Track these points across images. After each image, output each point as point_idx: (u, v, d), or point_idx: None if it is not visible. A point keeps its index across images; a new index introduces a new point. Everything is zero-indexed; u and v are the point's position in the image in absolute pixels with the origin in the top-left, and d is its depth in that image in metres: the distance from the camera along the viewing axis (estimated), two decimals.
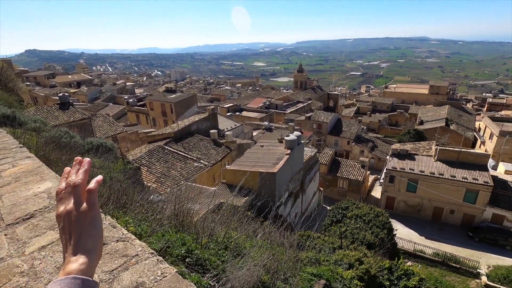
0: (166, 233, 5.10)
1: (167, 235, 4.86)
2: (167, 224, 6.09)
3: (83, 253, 0.95)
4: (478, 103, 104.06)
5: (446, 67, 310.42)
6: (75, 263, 0.93)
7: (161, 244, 4.54)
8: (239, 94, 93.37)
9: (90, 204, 1.01)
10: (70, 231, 0.97)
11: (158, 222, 5.79)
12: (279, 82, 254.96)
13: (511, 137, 38.25)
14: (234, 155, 27.05)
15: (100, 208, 1.07)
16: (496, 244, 25.26)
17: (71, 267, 0.93)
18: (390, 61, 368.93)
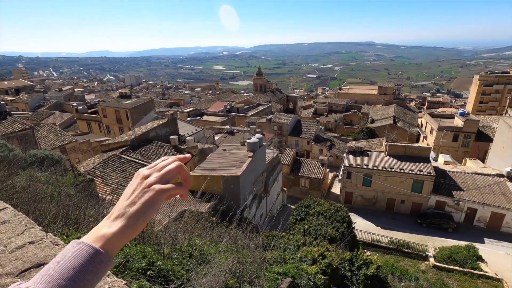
0: (124, 247, 4.85)
1: (125, 249, 4.62)
2: None
3: (125, 222, 0.91)
4: (420, 101, 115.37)
5: (391, 70, 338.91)
6: (108, 228, 0.90)
7: (119, 259, 4.30)
8: (199, 99, 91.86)
9: (166, 188, 1.00)
10: (136, 198, 0.95)
11: None
12: (239, 86, 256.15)
13: (447, 131, 42.98)
14: (196, 161, 26.52)
15: (44, 227, 1.00)
16: (440, 227, 28.11)
17: (101, 231, 0.90)
18: (343, 64, 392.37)
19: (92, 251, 0.84)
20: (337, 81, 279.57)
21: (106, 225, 0.92)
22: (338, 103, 75.19)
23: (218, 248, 6.48)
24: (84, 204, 6.62)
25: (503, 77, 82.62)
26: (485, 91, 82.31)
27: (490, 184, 29.63)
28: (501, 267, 21.88)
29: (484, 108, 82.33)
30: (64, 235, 4.50)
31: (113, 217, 0.93)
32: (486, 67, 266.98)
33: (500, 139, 33.58)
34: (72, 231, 4.78)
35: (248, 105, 66.07)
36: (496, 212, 27.44)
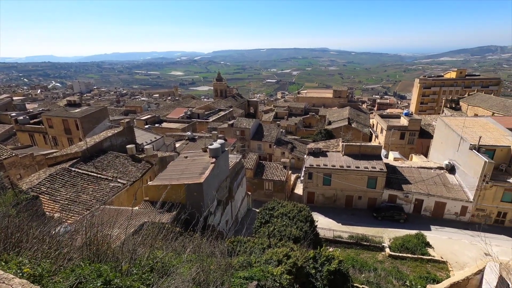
0: (76, 267, 4.49)
1: (78, 270, 4.28)
2: (78, 257, 5.34)
3: None
4: (370, 103, 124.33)
5: (344, 74, 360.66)
6: None
7: (70, 282, 3.98)
8: (158, 105, 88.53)
9: None
10: None
11: (66, 257, 5.04)
12: (199, 91, 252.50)
13: (395, 130, 46.87)
14: (156, 170, 25.46)
15: None
16: (393, 219, 30.42)
17: None
18: (300, 69, 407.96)
19: None
20: (296, 85, 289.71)
21: None
22: (297, 106, 77.84)
23: (181, 258, 6.29)
24: (27, 225, 5.99)
25: (438, 80, 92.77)
26: (424, 93, 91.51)
27: (432, 176, 32.88)
28: (445, 251, 24.31)
29: (425, 108, 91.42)
30: (3, 260, 4.04)
31: None
32: (424, 71, 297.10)
33: (439, 135, 37.53)
34: (13, 255, 4.31)
35: (209, 110, 65.39)
36: (439, 201, 30.49)
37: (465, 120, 35.62)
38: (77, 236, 7.08)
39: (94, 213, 8.59)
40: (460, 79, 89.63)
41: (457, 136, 31.96)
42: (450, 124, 34.73)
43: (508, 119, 42.00)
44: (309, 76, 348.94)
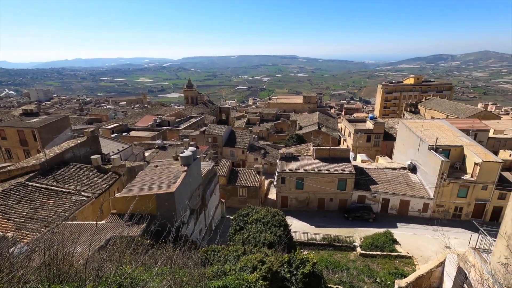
0: None
1: None
2: (35, 279, 4.93)
3: None
4: (338, 108, 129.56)
5: (313, 80, 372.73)
6: None
7: None
8: (125, 113, 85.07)
9: None
10: None
11: (21, 280, 4.63)
12: (169, 98, 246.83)
13: (362, 133, 49.14)
14: (124, 181, 24.32)
15: None
16: (363, 219, 31.65)
17: None
18: (270, 76, 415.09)
19: None
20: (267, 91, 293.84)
21: None
22: (269, 112, 78.89)
23: (151, 272, 6.04)
24: None
25: (399, 86, 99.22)
26: (387, 98, 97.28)
27: (397, 176, 34.82)
28: (411, 246, 25.73)
29: (388, 112, 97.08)
30: None
31: None
32: (386, 78, 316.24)
33: (401, 137, 39.96)
34: None
35: (180, 118, 64.06)
36: (403, 200, 32.31)
37: (423, 123, 38.33)
38: (35, 256, 6.54)
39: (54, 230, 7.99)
40: (417, 85, 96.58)
41: (417, 137, 34.24)
42: (410, 127, 37.15)
43: (460, 121, 45.91)
44: (280, 83, 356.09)
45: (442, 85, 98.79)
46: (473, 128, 40.93)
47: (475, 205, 30.65)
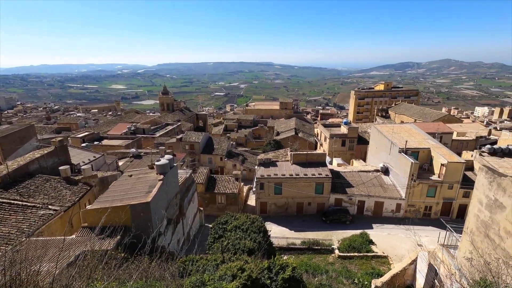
0: None
1: None
2: None
3: None
4: (314, 114, 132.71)
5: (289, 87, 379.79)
6: None
7: None
8: (97, 121, 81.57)
9: None
10: None
11: None
12: (144, 105, 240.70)
13: (337, 138, 50.57)
14: (96, 192, 23.19)
15: None
16: (340, 221, 32.37)
17: None
18: (247, 83, 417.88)
19: None
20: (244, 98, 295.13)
21: None
22: (246, 118, 79.13)
23: (126, 287, 5.77)
24: None
25: (370, 92, 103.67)
26: (360, 103, 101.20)
27: (371, 178, 36.09)
28: (386, 246, 26.65)
29: (361, 117, 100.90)
30: None
31: None
32: (358, 84, 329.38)
33: (373, 141, 41.61)
34: None
35: (156, 125, 62.52)
36: (378, 201, 33.49)
37: (393, 127, 40.21)
38: None
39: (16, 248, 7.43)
40: (387, 91, 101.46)
41: (388, 141, 35.82)
42: (382, 131, 38.81)
43: (426, 124, 48.68)
44: (256, 89, 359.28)
45: (410, 91, 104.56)
46: (439, 131, 43.57)
47: (443, 203, 32.41)
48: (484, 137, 46.61)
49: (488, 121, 73.51)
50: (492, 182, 9.30)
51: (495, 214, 9.02)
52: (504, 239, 8.06)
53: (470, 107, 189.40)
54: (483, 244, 8.63)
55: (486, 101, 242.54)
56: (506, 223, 8.13)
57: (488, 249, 8.26)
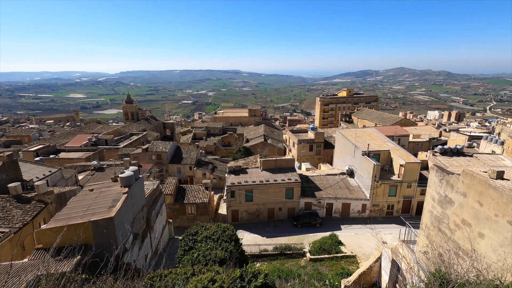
0: None
1: None
2: None
3: None
4: (282, 120, 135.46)
5: (257, 94, 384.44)
6: None
7: None
8: (53, 133, 75.84)
9: None
10: None
11: None
12: (106, 115, 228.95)
13: (305, 143, 52.00)
14: (53, 209, 21.41)
15: None
16: (310, 224, 33.13)
17: None
18: (215, 90, 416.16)
19: None
20: (212, 106, 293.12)
21: None
22: (215, 126, 78.55)
23: None
24: None
25: (334, 98, 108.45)
26: (325, 109, 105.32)
27: (337, 181, 37.51)
28: (354, 245, 27.70)
29: (326, 122, 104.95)
30: None
31: None
32: (323, 91, 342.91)
33: (339, 145, 43.42)
34: None
35: (119, 135, 59.66)
36: (345, 203, 34.84)
37: (356, 131, 42.36)
38: None
39: None
40: (350, 97, 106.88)
41: (352, 145, 37.61)
42: (346, 135, 40.68)
43: (386, 128, 51.96)
44: (225, 97, 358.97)
45: (370, 97, 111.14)
46: (397, 134, 46.72)
47: (403, 202, 34.59)
48: (436, 138, 50.85)
49: (439, 124, 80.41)
50: (442, 179, 10.17)
51: (446, 209, 9.85)
52: (454, 232, 8.84)
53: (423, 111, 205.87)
54: (437, 237, 9.38)
55: (436, 105, 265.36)
56: (455, 217, 8.94)
57: (441, 242, 8.98)
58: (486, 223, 8.31)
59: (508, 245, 7.63)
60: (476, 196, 8.62)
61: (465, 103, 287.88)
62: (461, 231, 8.91)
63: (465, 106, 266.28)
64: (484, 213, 8.34)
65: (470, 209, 8.82)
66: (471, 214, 8.76)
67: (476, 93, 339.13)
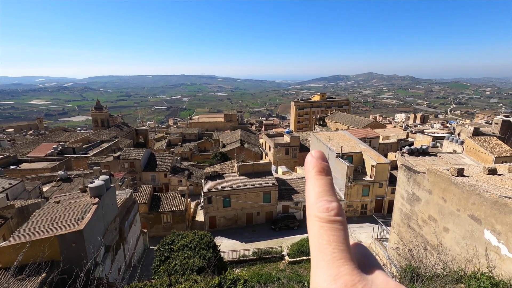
0: None
1: None
2: None
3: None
4: (258, 125, 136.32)
5: (233, 99, 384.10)
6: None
7: None
8: (13, 142, 70.62)
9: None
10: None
11: None
12: (73, 122, 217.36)
13: (281, 147, 52.64)
14: (14, 224, 19.86)
15: None
16: (288, 227, 33.42)
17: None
18: (190, 95, 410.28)
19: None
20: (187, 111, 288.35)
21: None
22: (191, 132, 77.28)
23: None
24: None
25: (308, 102, 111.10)
26: (299, 113, 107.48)
27: None
28: None
29: (301, 126, 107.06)
30: None
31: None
32: (297, 95, 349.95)
33: (314, 148, 44.38)
34: None
35: (88, 143, 56.83)
36: None
37: (330, 134, 43.63)
38: None
39: None
40: (323, 101, 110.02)
41: (326, 147, 38.64)
42: (320, 138, 41.75)
43: (358, 131, 54.02)
44: (200, 102, 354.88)
45: (342, 101, 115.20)
46: (368, 136, 48.72)
47: (375, 201, 36.00)
48: (404, 139, 53.69)
49: (406, 126, 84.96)
50: (410, 178, 10.74)
51: (414, 206, 10.40)
52: (422, 228, 9.37)
53: (391, 114, 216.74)
54: (407, 234, 9.88)
55: (403, 108, 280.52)
56: (422, 213, 9.48)
57: (411, 238, 9.46)
58: (450, 218, 8.89)
59: (469, 237, 8.21)
60: (440, 193, 9.20)
61: (428, 106, 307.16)
62: (428, 227, 9.46)
63: (429, 108, 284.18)
64: (448, 209, 8.91)
65: (435, 205, 9.39)
66: (437, 210, 9.33)
67: (438, 97, 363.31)
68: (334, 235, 0.63)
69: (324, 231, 0.64)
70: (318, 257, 0.61)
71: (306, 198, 0.75)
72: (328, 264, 0.58)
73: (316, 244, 0.63)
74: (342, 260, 0.59)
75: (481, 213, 9.19)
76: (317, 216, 0.67)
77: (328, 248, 0.61)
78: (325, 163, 0.81)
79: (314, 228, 0.66)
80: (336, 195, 0.74)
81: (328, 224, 0.65)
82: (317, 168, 0.79)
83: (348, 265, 0.58)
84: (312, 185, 0.75)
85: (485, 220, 9.03)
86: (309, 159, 0.82)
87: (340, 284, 0.54)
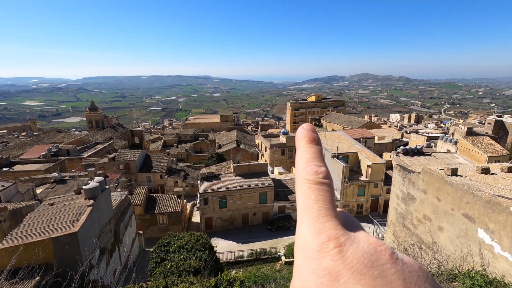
0: None
1: None
2: None
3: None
4: (254, 125, 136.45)
5: (229, 100, 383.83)
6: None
7: None
8: (5, 144, 69.71)
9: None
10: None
11: None
12: (68, 123, 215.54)
13: (277, 148, 52.70)
14: (7, 227, 19.59)
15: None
16: (285, 228, 33.46)
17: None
18: (186, 96, 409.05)
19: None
20: (183, 112, 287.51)
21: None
22: (187, 133, 77.01)
23: None
24: None
25: (304, 103, 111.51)
26: (295, 114, 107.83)
27: None
28: None
29: (297, 126, 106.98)
30: None
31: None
32: (293, 96, 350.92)
33: None
34: None
35: (83, 145, 56.34)
36: None
37: (325, 135, 43.82)
38: None
39: None
40: (318, 102, 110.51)
41: (322, 148, 38.79)
42: None
43: (353, 131, 54.34)
44: (196, 103, 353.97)
45: (337, 101, 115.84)
46: (363, 136, 49.03)
47: (371, 201, 36.24)
48: (398, 139, 54.12)
49: (401, 126, 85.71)
50: (405, 178, 10.84)
51: (409, 205, 10.49)
52: (417, 227, 9.46)
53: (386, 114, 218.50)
54: (402, 233, 9.96)
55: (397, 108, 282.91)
56: (417, 213, 9.57)
57: (406, 237, 9.54)
58: (444, 217, 8.98)
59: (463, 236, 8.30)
60: (434, 192, 9.30)
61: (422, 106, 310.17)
62: (423, 226, 9.55)
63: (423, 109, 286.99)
64: (442, 208, 9.01)
65: (430, 205, 9.49)
66: (431, 209, 9.43)
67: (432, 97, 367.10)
68: (321, 195, 0.66)
69: (311, 191, 0.66)
70: (304, 214, 0.64)
71: (296, 165, 0.77)
72: (313, 220, 0.62)
73: (303, 203, 0.66)
74: (327, 217, 0.62)
75: (475, 212, 9.32)
76: (305, 178, 0.69)
77: (314, 206, 0.64)
78: (315, 134, 0.83)
79: (302, 189, 0.69)
80: (325, 162, 0.75)
81: (316, 185, 0.67)
82: (308, 137, 0.81)
83: (332, 221, 0.61)
84: (302, 153, 0.77)
85: (478, 219, 9.16)
86: (300, 131, 0.84)
87: (323, 238, 0.57)
